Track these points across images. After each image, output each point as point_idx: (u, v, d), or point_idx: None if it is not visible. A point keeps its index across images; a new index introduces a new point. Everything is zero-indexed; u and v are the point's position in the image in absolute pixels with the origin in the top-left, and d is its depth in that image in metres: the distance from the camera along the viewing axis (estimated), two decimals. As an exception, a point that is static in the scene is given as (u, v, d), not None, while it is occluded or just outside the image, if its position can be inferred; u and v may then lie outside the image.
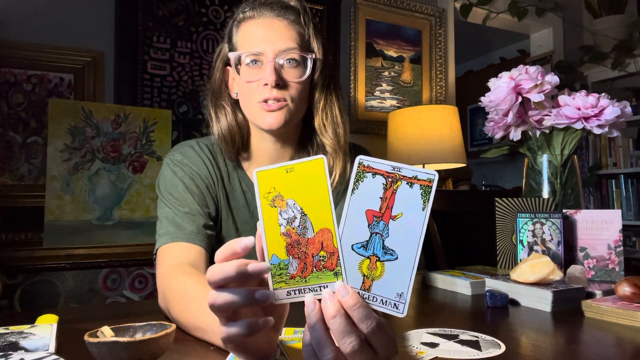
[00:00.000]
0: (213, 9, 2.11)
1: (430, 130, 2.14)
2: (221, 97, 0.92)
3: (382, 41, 2.57)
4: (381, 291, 0.46)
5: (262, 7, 0.87)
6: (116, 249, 1.85)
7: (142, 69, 1.94)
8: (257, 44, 0.84)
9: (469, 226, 1.58)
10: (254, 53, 0.84)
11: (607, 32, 3.12)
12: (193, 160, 0.91)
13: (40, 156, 1.77)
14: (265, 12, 0.86)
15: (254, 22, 0.86)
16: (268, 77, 0.83)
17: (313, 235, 0.46)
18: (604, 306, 0.72)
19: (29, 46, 1.76)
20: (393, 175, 0.45)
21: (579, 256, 0.97)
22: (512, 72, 1.01)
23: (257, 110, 0.86)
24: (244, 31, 0.87)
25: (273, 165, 0.46)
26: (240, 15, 0.89)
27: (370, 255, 0.45)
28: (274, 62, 0.84)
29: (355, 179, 0.46)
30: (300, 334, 0.61)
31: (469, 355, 0.55)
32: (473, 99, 2.07)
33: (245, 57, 0.85)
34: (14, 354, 0.52)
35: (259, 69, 0.85)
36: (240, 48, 0.87)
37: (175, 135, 1.98)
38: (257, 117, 0.87)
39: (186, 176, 0.89)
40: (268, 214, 0.46)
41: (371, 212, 0.45)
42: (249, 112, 0.89)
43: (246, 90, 0.87)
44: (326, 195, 0.45)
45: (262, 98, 0.84)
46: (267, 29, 0.85)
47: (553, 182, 1.05)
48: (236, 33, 0.89)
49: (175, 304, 0.71)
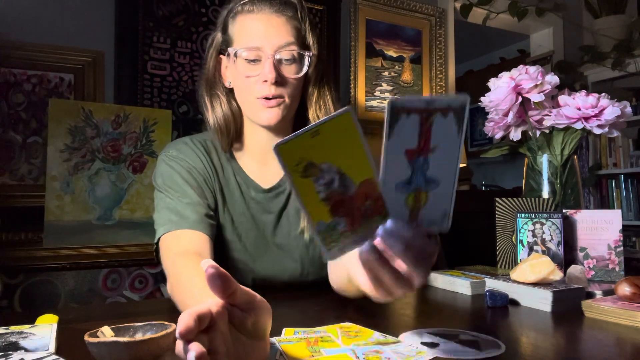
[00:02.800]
0: (213, 9, 2.11)
1: (430, 130, 2.14)
2: (215, 86, 0.93)
3: (382, 41, 2.57)
4: (428, 215, 0.47)
5: (262, 2, 0.87)
6: (116, 249, 1.85)
7: (142, 69, 1.94)
8: (256, 40, 0.84)
9: (469, 226, 1.58)
10: (254, 48, 0.84)
11: (607, 32, 3.12)
12: (188, 155, 0.91)
13: (40, 156, 1.77)
14: (265, 7, 0.86)
15: (252, 17, 0.86)
16: (268, 74, 0.83)
17: (355, 189, 0.44)
18: (604, 306, 0.72)
19: (29, 46, 1.76)
20: (427, 110, 0.44)
21: (579, 256, 0.97)
22: (512, 72, 1.01)
23: (256, 106, 0.87)
24: (242, 24, 0.87)
25: (294, 135, 0.42)
26: (238, 8, 0.88)
27: (414, 189, 0.46)
28: (273, 59, 0.84)
29: (390, 122, 0.44)
30: (300, 334, 0.61)
31: (469, 355, 0.55)
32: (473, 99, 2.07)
33: (244, 51, 0.85)
34: (14, 354, 0.52)
35: (257, 65, 0.85)
36: (238, 41, 0.87)
37: (175, 135, 1.98)
38: (254, 113, 0.88)
39: (183, 169, 0.90)
40: (302, 185, 0.43)
41: (410, 151, 0.45)
42: (246, 106, 0.90)
43: (244, 85, 0.87)
44: (361, 148, 0.43)
45: (262, 95, 0.85)
46: (266, 25, 0.85)
47: (553, 182, 1.05)
48: (232, 24, 0.89)
49: (180, 294, 0.71)
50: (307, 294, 0.94)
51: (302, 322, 0.68)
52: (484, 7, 2.81)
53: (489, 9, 2.83)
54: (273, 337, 0.59)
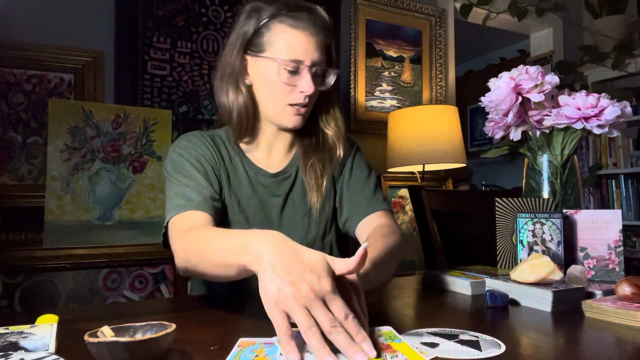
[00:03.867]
0: (213, 9, 2.11)
1: (430, 130, 2.14)
2: (238, 80, 0.98)
3: (382, 41, 2.57)
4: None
5: (307, 20, 0.94)
6: (116, 249, 1.85)
7: (142, 69, 1.94)
8: (300, 54, 0.93)
9: (469, 226, 1.58)
10: (296, 61, 0.93)
11: (607, 32, 3.12)
12: (197, 145, 1.00)
13: (40, 156, 1.77)
14: (309, 26, 0.94)
15: (297, 32, 0.93)
16: (307, 87, 0.93)
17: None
18: (604, 306, 0.72)
19: (29, 46, 1.76)
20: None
21: (579, 256, 0.97)
22: (512, 72, 1.01)
23: (285, 111, 0.96)
24: (287, 35, 0.93)
25: None
26: (281, 19, 0.94)
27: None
28: (310, 73, 0.94)
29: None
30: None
31: (469, 355, 0.55)
32: (473, 99, 2.07)
33: (287, 63, 0.93)
34: (14, 354, 0.52)
35: (294, 76, 0.94)
36: (278, 50, 0.94)
37: (175, 135, 1.98)
38: (282, 117, 0.98)
39: (192, 157, 0.97)
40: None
41: None
42: (273, 109, 0.98)
43: (277, 90, 0.95)
44: None
45: (295, 102, 0.95)
46: (309, 42, 0.94)
47: (553, 182, 1.05)
48: (271, 30, 0.94)
49: (200, 249, 0.76)
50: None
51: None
52: (484, 7, 2.81)
53: (489, 9, 2.83)
54: (273, 337, 0.59)
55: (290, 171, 1.05)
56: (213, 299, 0.94)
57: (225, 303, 0.86)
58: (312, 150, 1.05)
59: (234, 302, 0.86)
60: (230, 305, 0.84)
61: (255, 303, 0.85)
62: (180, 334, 0.64)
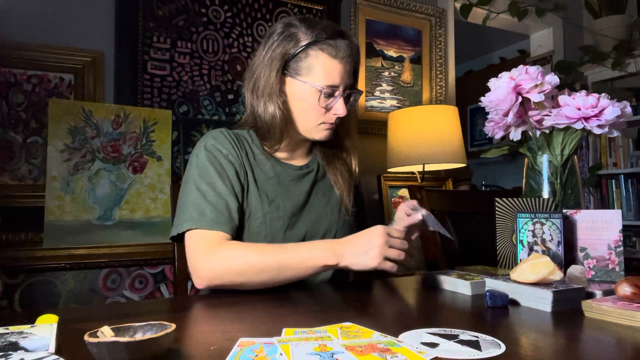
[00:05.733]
0: (213, 9, 2.11)
1: (430, 130, 2.14)
2: (275, 95, 1.04)
3: (382, 41, 2.57)
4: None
5: (345, 50, 1.02)
6: (116, 249, 1.85)
7: (142, 69, 1.94)
8: (336, 80, 1.02)
9: (469, 226, 1.58)
10: (333, 87, 1.02)
11: (607, 32, 3.12)
12: (224, 143, 1.05)
13: (40, 156, 1.77)
14: (346, 55, 1.02)
15: (337, 62, 1.01)
16: (341, 110, 1.04)
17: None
18: (604, 306, 0.72)
19: (29, 46, 1.77)
20: None
21: (579, 256, 0.97)
22: (512, 72, 1.01)
23: (318, 128, 1.06)
24: (326, 63, 1.01)
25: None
26: (322, 46, 1.01)
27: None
28: (343, 96, 1.04)
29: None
30: (300, 334, 0.61)
31: (469, 355, 0.55)
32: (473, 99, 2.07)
33: (325, 89, 1.01)
34: (14, 354, 0.52)
35: (329, 98, 1.03)
36: (317, 77, 1.01)
37: (175, 135, 1.98)
38: (314, 133, 1.07)
39: (217, 161, 1.03)
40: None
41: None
42: (307, 126, 1.07)
43: (313, 111, 1.04)
44: None
45: (328, 122, 1.05)
46: (344, 69, 1.02)
47: (553, 182, 1.05)
48: (312, 56, 1.01)
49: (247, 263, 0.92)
50: (307, 294, 0.95)
51: (302, 322, 0.68)
52: (484, 7, 2.81)
53: (489, 9, 2.83)
54: (273, 337, 0.59)
55: (312, 166, 1.14)
56: (213, 299, 0.94)
57: (225, 303, 0.86)
58: (333, 157, 1.16)
59: (234, 302, 0.86)
60: (231, 305, 0.84)
61: (256, 303, 0.85)
62: (180, 334, 0.64)
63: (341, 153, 1.17)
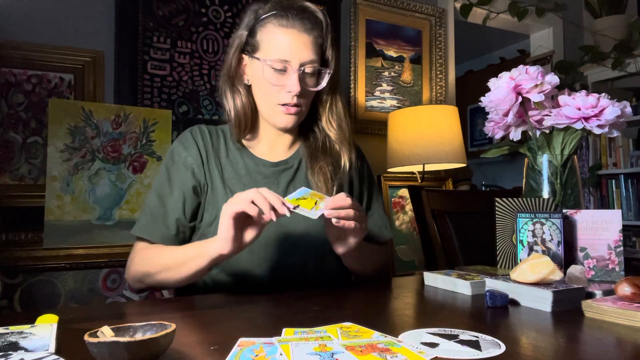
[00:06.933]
0: (213, 9, 2.11)
1: (430, 130, 2.14)
2: (236, 81, 1.00)
3: (382, 41, 2.57)
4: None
5: (295, 18, 0.94)
6: (116, 249, 1.85)
7: (142, 69, 1.94)
8: (286, 54, 0.93)
9: (469, 226, 1.58)
10: (282, 61, 0.93)
11: (607, 32, 3.12)
12: (187, 145, 1.02)
13: (40, 156, 1.77)
14: (297, 24, 0.94)
15: (284, 31, 0.93)
16: (294, 86, 0.93)
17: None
18: (604, 306, 0.72)
19: (29, 46, 1.76)
20: None
21: (579, 256, 0.97)
22: (512, 72, 1.01)
23: (276, 111, 0.97)
24: (274, 36, 0.94)
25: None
26: (271, 19, 0.94)
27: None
28: (298, 72, 0.93)
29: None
30: (300, 334, 0.61)
31: (469, 355, 0.55)
32: (473, 99, 2.07)
33: (273, 62, 0.93)
34: (14, 354, 0.52)
35: (282, 75, 0.94)
36: (266, 50, 0.94)
37: (175, 135, 1.98)
38: (273, 117, 0.99)
39: (174, 168, 1.01)
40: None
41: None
42: (266, 109, 0.99)
43: (267, 90, 0.96)
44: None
45: (284, 102, 0.95)
46: (297, 41, 0.93)
47: (553, 182, 1.05)
48: (261, 30, 0.95)
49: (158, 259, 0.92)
50: (307, 294, 0.94)
51: (302, 322, 0.68)
52: (484, 7, 2.81)
53: (489, 9, 2.83)
54: (273, 337, 0.59)
55: (292, 162, 1.05)
56: (213, 299, 0.94)
57: (225, 303, 0.87)
58: (319, 153, 1.04)
59: (234, 302, 0.86)
60: (230, 305, 0.84)
61: (255, 303, 0.85)
62: (180, 334, 0.64)
63: (328, 146, 1.05)
